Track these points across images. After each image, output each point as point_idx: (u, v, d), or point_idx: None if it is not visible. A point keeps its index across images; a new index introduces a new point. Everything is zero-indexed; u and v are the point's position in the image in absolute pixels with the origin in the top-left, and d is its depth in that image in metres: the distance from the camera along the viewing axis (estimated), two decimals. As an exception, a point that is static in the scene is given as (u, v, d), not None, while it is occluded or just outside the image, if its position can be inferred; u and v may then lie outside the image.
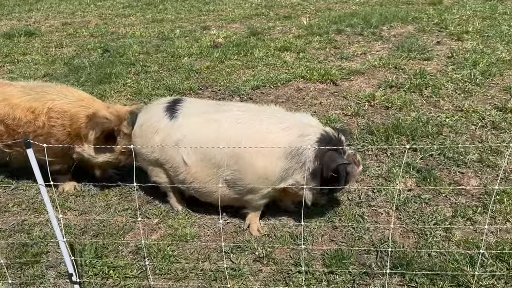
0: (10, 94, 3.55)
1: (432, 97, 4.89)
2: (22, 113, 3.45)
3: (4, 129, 3.52)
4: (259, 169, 2.92)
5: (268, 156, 2.88)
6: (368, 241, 3.07)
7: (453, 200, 3.39)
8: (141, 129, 3.28)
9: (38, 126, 3.44)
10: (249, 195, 3.08)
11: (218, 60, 6.45)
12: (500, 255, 2.82)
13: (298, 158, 2.87)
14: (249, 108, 3.17)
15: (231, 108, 3.15)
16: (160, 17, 9.47)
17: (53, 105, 3.46)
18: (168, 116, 3.17)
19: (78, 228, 3.35)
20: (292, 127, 2.94)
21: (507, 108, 4.48)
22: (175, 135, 3.09)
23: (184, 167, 3.10)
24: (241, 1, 10.58)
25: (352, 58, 6.22)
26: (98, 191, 3.80)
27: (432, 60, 5.89)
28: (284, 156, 2.88)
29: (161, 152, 3.18)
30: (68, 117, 3.44)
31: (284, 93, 5.31)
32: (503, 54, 5.83)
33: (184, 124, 3.10)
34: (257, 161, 2.90)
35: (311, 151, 2.85)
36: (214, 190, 3.10)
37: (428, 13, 7.92)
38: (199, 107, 3.23)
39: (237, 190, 3.08)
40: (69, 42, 7.98)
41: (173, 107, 3.22)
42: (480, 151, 3.88)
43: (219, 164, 3.00)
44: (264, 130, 2.94)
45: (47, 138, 3.45)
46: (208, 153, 2.99)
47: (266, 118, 3.00)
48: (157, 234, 3.28)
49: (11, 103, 3.49)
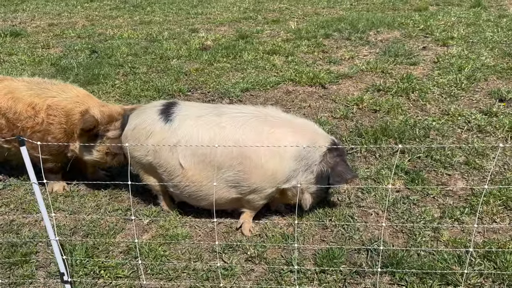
0: (15, 87, 3.52)
1: (419, 100, 4.97)
2: (23, 107, 3.42)
3: (5, 123, 3.48)
4: (268, 170, 2.94)
5: (279, 157, 2.92)
6: (358, 241, 3.11)
7: (441, 201, 3.45)
8: (133, 132, 3.21)
9: (37, 122, 3.41)
10: (252, 194, 3.08)
11: (207, 62, 6.47)
12: (487, 255, 2.88)
13: (306, 161, 2.94)
14: (249, 110, 3.14)
15: (230, 110, 3.12)
16: (148, 19, 9.45)
17: (52, 102, 3.43)
18: (163, 119, 3.12)
19: (68, 228, 3.32)
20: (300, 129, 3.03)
21: (492, 112, 4.58)
22: (171, 138, 3.04)
23: (180, 170, 3.06)
24: (229, 5, 10.62)
25: (340, 62, 6.29)
26: (87, 192, 3.77)
27: (418, 65, 6.00)
28: (294, 157, 2.93)
29: (155, 156, 3.13)
30: (64, 114, 3.42)
31: (274, 95, 5.34)
32: (488, 59, 5.96)
33: (181, 127, 3.05)
34: (267, 161, 2.92)
35: (317, 155, 2.92)
36: (211, 193, 3.08)
37: (414, 19, 8.06)
38: (195, 110, 3.17)
39: (239, 190, 3.07)
40: (56, 43, 7.91)
41: (168, 110, 3.16)
42: (466, 153, 3.96)
43: (220, 166, 2.99)
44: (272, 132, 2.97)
45: (44, 135, 3.42)
46: (208, 155, 2.97)
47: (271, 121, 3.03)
48: (148, 235, 3.27)
49: (15, 96, 3.46)
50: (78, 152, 3.50)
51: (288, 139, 2.94)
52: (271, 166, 2.94)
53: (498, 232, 3.13)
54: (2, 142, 3.54)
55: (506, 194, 3.41)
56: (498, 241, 3.02)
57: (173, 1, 11.38)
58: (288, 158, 2.94)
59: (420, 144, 4.12)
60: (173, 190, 3.28)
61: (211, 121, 3.03)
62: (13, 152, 3.62)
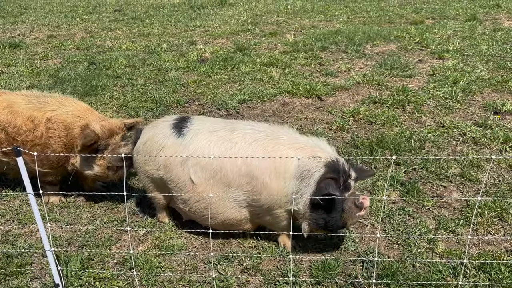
0: (13, 101, 3.52)
1: (415, 113, 5.01)
2: (22, 121, 3.42)
3: (4, 137, 3.48)
4: (273, 190, 2.86)
5: (281, 175, 2.83)
6: (354, 253, 3.11)
7: (436, 212, 3.46)
8: (144, 146, 3.19)
9: (37, 136, 3.42)
10: (267, 216, 3.01)
11: (205, 74, 6.52)
12: (482, 266, 2.89)
13: (308, 181, 2.80)
14: (262, 128, 3.07)
15: (242, 127, 3.05)
16: (147, 32, 9.52)
17: (51, 116, 3.43)
18: (176, 133, 3.09)
19: (64, 239, 3.32)
20: (304, 148, 2.88)
21: (487, 124, 4.62)
22: (182, 152, 3.00)
23: (191, 186, 3.02)
24: (227, 18, 10.72)
25: (336, 74, 6.35)
26: (83, 203, 3.78)
27: (414, 77, 6.05)
28: (295, 177, 2.81)
29: (166, 170, 3.09)
30: (64, 128, 3.42)
31: (271, 107, 5.38)
32: (483, 72, 6.02)
33: (193, 142, 3.01)
34: (271, 180, 2.85)
35: (316, 176, 2.78)
36: (220, 211, 3.06)
37: (410, 32, 8.14)
38: (207, 125, 3.11)
39: (253, 212, 3.02)
40: (55, 54, 7.96)
41: (181, 124, 3.14)
42: (461, 165, 3.98)
43: (229, 184, 2.94)
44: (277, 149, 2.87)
45: (44, 149, 3.42)
46: (219, 172, 2.93)
47: (280, 138, 2.94)
48: (144, 246, 3.27)
49: (14, 110, 3.46)
50: (79, 166, 3.51)
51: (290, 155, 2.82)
52: (275, 186, 2.86)
53: (493, 244, 3.14)
54: (1, 155, 3.55)
55: (500, 206, 3.42)
56: (493, 252, 3.03)
57: (171, 14, 11.47)
58: (290, 178, 2.82)
59: (416, 156, 4.14)
60: (182, 207, 3.23)
61: (223, 137, 2.98)
62: (12, 165, 3.61)
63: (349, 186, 2.84)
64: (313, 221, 2.88)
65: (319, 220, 2.86)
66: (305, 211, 2.85)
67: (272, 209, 2.94)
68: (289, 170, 2.81)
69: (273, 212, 2.96)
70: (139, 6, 12.98)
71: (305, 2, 12.33)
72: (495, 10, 9.91)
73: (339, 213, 2.81)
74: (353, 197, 2.82)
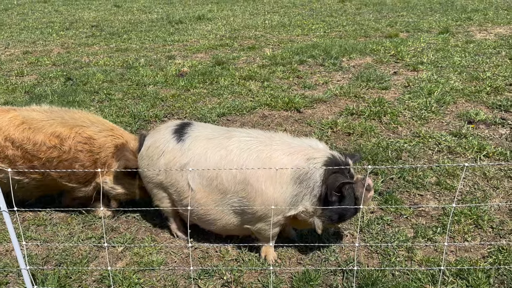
0: (29, 117, 3.44)
1: (391, 123, 5.10)
2: (45, 138, 3.35)
3: (21, 154, 3.38)
4: (268, 196, 2.85)
5: (276, 181, 2.83)
6: (334, 263, 3.12)
7: (413, 221, 3.51)
8: (147, 152, 3.22)
9: (64, 151, 3.35)
10: (259, 223, 3.00)
11: (183, 88, 6.52)
12: (460, 273, 2.93)
13: (307, 183, 2.81)
14: (257, 134, 3.08)
15: (239, 134, 3.07)
16: (125, 47, 9.49)
17: (82, 131, 3.40)
18: (176, 138, 3.12)
19: (40, 258, 3.25)
20: (299, 152, 2.89)
21: (462, 134, 4.72)
22: (181, 158, 3.03)
23: (189, 191, 3.03)
24: (205, 33, 10.77)
25: (314, 87, 6.42)
26: (60, 220, 3.71)
27: (389, 89, 6.16)
28: (292, 180, 2.82)
29: (166, 175, 3.12)
30: (97, 145, 3.39)
31: (250, 120, 5.40)
32: (456, 83, 6.17)
33: (191, 148, 3.03)
34: (266, 187, 2.84)
35: (318, 175, 2.80)
36: (218, 217, 3.06)
37: (385, 45, 8.31)
38: (207, 132, 3.14)
39: (246, 219, 3.01)
40: (30, 70, 7.86)
41: (182, 130, 3.17)
42: (437, 174, 4.06)
43: (226, 190, 2.95)
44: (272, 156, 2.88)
45: (72, 163, 3.38)
46: (215, 179, 2.95)
47: (275, 144, 2.95)
48: (123, 262, 3.22)
49: (32, 127, 3.39)
50: (113, 185, 3.50)
51: (282, 161, 2.85)
52: (270, 191, 2.84)
53: (469, 251, 3.19)
54: (13, 174, 3.45)
55: (476, 213, 3.49)
56: (470, 259, 3.08)
57: (149, 29, 11.47)
58: (286, 183, 2.83)
59: (393, 165, 4.20)
60: (183, 212, 3.25)
61: (220, 144, 3.00)
62: (23, 184, 3.53)
63: (352, 174, 2.91)
64: (327, 217, 2.91)
65: (333, 215, 2.89)
66: (315, 209, 2.86)
67: (267, 216, 2.93)
68: (284, 176, 2.83)
69: (268, 219, 2.95)
70: (116, 21, 12.94)
71: (282, 17, 12.49)
72: (467, 23, 10.21)
73: (353, 201, 2.86)
74: (358, 182, 2.88)
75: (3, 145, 3.38)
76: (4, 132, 3.38)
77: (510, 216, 3.50)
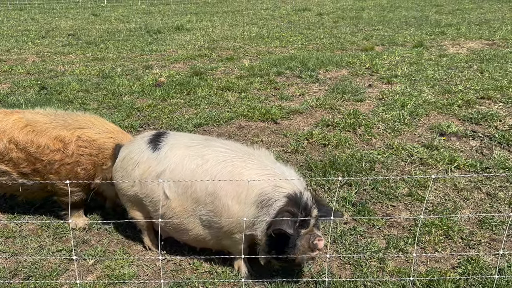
0: (33, 120, 3.44)
1: (365, 135, 5.17)
2: (49, 141, 3.34)
3: (24, 157, 3.38)
4: (233, 213, 2.83)
5: (241, 200, 2.80)
6: (307, 274, 3.13)
7: (386, 232, 3.55)
8: (122, 163, 3.18)
9: (67, 154, 3.35)
10: (226, 240, 2.98)
11: (160, 98, 6.49)
12: (430, 283, 2.97)
13: (267, 209, 2.77)
14: (236, 148, 3.05)
15: (218, 145, 3.05)
16: (101, 56, 9.41)
17: (82, 134, 3.39)
18: (151, 148, 3.09)
19: (8, 271, 3.16)
20: (270, 176, 2.81)
21: (433, 146, 4.82)
22: (157, 167, 3.00)
23: (165, 200, 2.99)
24: (184, 43, 10.77)
25: (291, 98, 6.48)
26: (30, 232, 3.63)
27: (364, 101, 6.26)
28: (255, 204, 2.79)
29: (141, 186, 3.08)
30: (96, 147, 3.39)
31: (227, 130, 5.40)
32: (429, 96, 6.31)
33: (167, 156, 3.01)
34: (233, 204, 2.82)
35: (277, 205, 2.73)
36: (190, 228, 3.03)
37: (360, 58, 8.45)
38: (184, 140, 3.12)
39: (214, 232, 2.99)
40: (4, 79, 7.72)
41: (157, 139, 3.14)
42: (409, 185, 4.13)
43: (198, 200, 2.92)
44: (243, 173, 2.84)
45: (74, 167, 3.38)
46: (189, 188, 2.92)
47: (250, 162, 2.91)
48: (93, 275, 3.16)
49: (36, 129, 3.38)
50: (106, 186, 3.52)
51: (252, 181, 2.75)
52: (236, 208, 2.82)
53: (440, 261, 3.24)
54: (18, 176, 3.46)
55: (447, 224, 3.56)
56: (440, 269, 3.13)
57: (127, 39, 11.41)
58: (250, 204, 2.80)
59: (366, 176, 4.26)
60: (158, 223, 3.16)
61: (197, 153, 2.98)
62: (27, 186, 3.51)
63: (307, 223, 2.74)
64: (267, 251, 2.87)
65: (272, 251, 2.84)
66: (262, 238, 2.83)
67: (232, 232, 2.92)
68: (250, 196, 2.80)
69: (232, 236, 2.94)
70: (94, 30, 12.84)
71: (261, 29, 12.59)
72: (441, 37, 10.47)
73: (291, 249, 2.75)
74: (308, 235, 2.73)
75: (8, 148, 3.39)
76: (9, 135, 3.40)
77: (479, 227, 3.57)
